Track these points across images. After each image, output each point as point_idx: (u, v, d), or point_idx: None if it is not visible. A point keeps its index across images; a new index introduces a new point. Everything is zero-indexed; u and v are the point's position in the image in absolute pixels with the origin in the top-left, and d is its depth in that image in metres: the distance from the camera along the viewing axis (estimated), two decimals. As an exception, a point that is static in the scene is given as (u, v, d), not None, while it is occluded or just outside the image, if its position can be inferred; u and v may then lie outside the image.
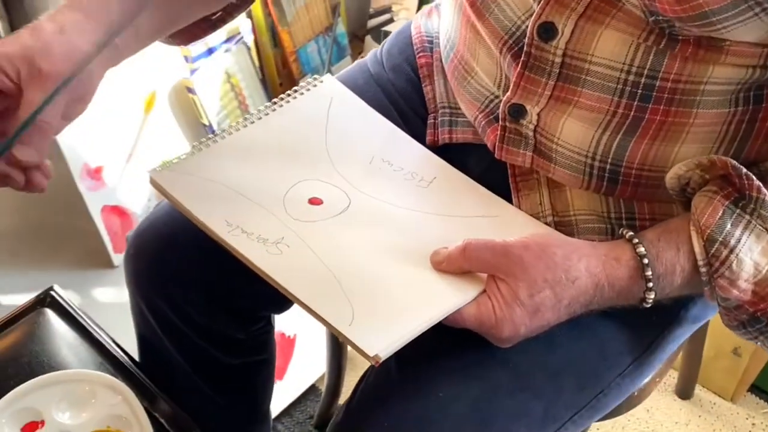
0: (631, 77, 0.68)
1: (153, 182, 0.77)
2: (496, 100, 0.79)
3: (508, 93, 0.75)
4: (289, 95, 0.87)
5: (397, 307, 0.69)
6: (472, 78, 0.82)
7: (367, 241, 0.75)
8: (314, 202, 0.78)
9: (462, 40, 0.82)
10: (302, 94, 0.88)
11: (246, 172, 0.79)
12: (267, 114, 0.85)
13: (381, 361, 0.65)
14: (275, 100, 0.87)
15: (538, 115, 0.75)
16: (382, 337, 0.66)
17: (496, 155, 0.80)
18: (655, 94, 0.68)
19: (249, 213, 0.75)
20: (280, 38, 1.72)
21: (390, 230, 0.76)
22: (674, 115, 0.69)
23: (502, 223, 0.78)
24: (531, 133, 0.76)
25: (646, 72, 0.68)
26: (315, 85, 0.89)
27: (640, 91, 0.69)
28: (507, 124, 0.77)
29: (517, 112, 0.76)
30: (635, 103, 0.69)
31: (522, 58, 0.72)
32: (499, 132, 0.78)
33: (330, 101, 0.87)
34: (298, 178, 0.80)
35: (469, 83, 0.83)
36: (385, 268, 0.73)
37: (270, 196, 0.77)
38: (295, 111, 0.86)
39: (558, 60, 0.71)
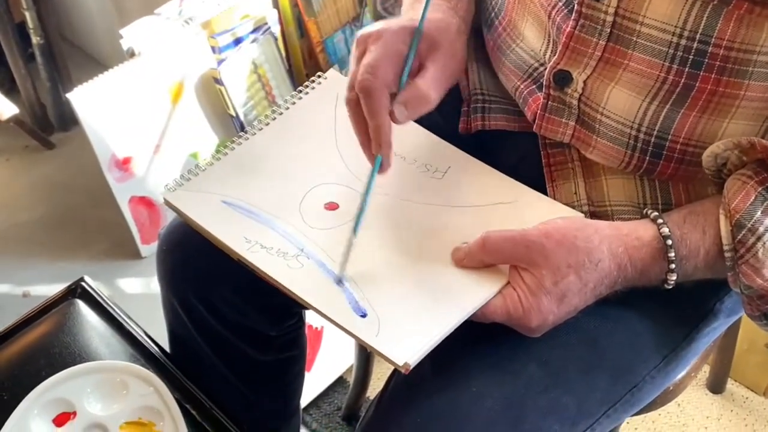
0: (684, 41, 0.67)
1: (167, 203, 0.76)
2: (541, 68, 0.78)
3: (555, 57, 0.74)
4: (293, 96, 0.85)
5: (422, 311, 0.68)
6: (517, 45, 0.81)
7: (386, 244, 0.74)
8: (331, 207, 0.77)
9: (510, 5, 0.81)
10: (307, 93, 0.86)
11: (258, 183, 0.78)
12: (274, 119, 0.84)
13: (411, 368, 0.64)
14: (280, 103, 0.85)
15: (584, 83, 0.73)
16: (409, 344, 0.65)
17: (535, 128, 0.79)
18: (707, 60, 0.67)
19: (267, 226, 0.75)
20: (306, 28, 1.71)
21: (409, 229, 0.75)
22: (725, 86, 0.68)
23: (520, 207, 0.77)
24: (575, 102, 0.75)
25: (698, 36, 0.66)
26: (320, 83, 0.87)
27: (692, 57, 0.67)
28: (551, 92, 0.76)
29: (562, 79, 0.74)
30: (686, 69, 0.68)
31: (573, 17, 0.71)
32: (542, 100, 0.77)
33: (336, 98, 0.85)
34: (312, 184, 0.79)
35: (513, 51, 0.82)
36: (407, 271, 0.72)
37: (286, 206, 0.76)
38: (301, 113, 0.85)
39: (610, 19, 0.69)
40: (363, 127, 0.73)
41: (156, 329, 0.96)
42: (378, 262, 0.73)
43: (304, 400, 1.42)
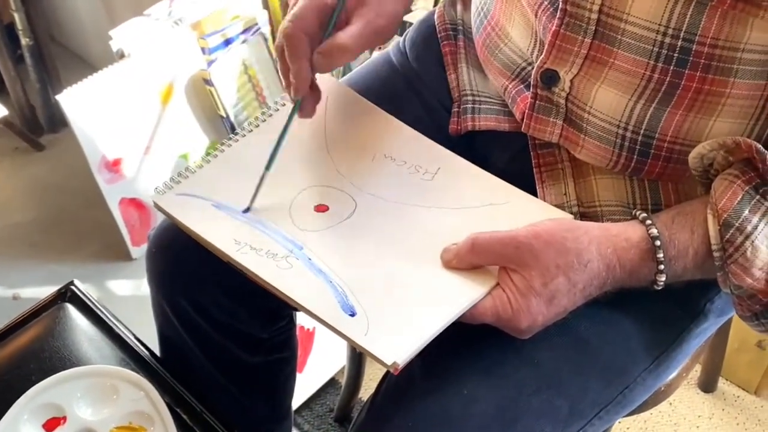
0: (668, 39, 0.67)
1: (157, 206, 0.76)
2: (528, 68, 0.79)
3: (542, 56, 0.74)
4: (283, 98, 0.85)
5: (411, 311, 0.68)
6: (505, 45, 0.81)
7: (376, 245, 0.74)
8: (320, 209, 0.77)
9: (498, 4, 0.82)
10: None
11: (249, 185, 0.78)
12: (264, 120, 0.83)
13: (400, 368, 0.64)
14: (269, 105, 0.85)
15: (571, 82, 0.74)
16: (399, 343, 0.65)
17: (523, 128, 0.79)
18: (692, 59, 0.67)
19: (256, 228, 0.74)
20: (297, 29, 1.71)
21: (398, 230, 0.75)
22: (711, 83, 0.68)
23: (510, 209, 0.77)
24: (562, 101, 0.75)
25: (682, 34, 0.66)
26: None
27: (676, 55, 0.67)
28: (538, 91, 0.76)
29: (549, 79, 0.75)
30: (671, 67, 0.68)
31: (558, 15, 0.71)
32: (529, 100, 0.77)
33: (326, 99, 0.85)
34: (302, 186, 0.78)
35: (501, 51, 0.82)
36: (396, 272, 0.71)
37: (276, 207, 0.76)
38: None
39: (594, 17, 0.69)
40: (287, 72, 0.76)
41: (146, 331, 0.96)
42: (368, 262, 0.73)
43: (296, 401, 1.42)
